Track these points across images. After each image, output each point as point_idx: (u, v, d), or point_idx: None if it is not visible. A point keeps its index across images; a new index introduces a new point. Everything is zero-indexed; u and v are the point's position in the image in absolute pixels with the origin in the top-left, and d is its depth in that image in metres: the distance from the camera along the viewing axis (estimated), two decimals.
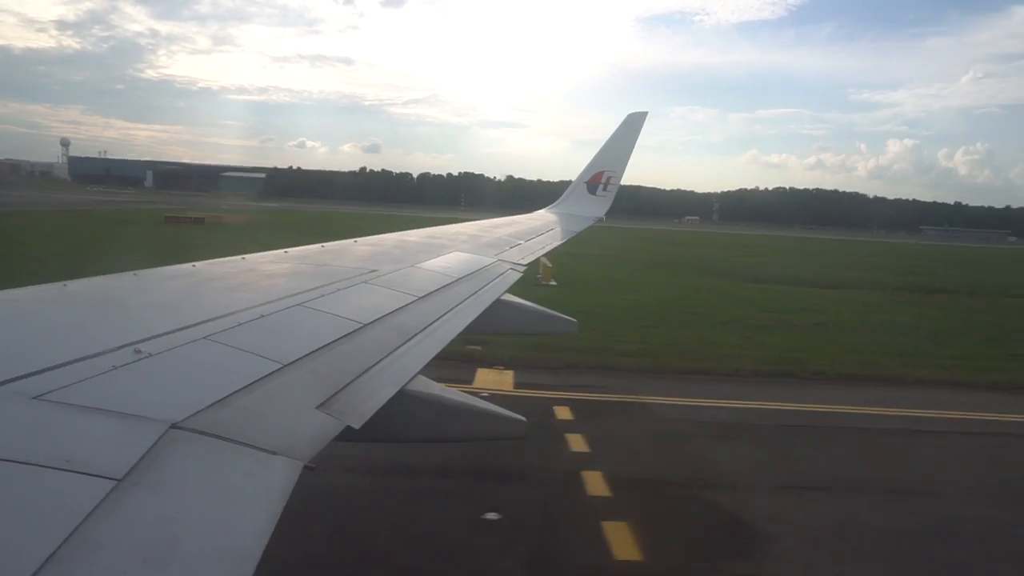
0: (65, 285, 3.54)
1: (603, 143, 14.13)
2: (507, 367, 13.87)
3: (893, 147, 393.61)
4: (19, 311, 3.12)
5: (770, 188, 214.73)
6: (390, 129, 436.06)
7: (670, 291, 28.32)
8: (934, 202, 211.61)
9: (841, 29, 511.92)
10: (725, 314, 22.56)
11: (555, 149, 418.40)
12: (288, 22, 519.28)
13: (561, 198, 14.51)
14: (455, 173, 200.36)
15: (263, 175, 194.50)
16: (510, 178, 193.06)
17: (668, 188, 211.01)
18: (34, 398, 2.06)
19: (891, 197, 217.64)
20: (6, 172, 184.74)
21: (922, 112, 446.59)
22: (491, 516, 7.55)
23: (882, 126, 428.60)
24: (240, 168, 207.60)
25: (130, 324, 2.99)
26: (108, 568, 1.45)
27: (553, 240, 10.12)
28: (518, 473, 8.94)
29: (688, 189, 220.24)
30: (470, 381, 12.85)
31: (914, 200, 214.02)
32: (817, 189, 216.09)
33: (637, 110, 14.09)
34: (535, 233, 10.23)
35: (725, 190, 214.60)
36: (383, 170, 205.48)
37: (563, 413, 11.20)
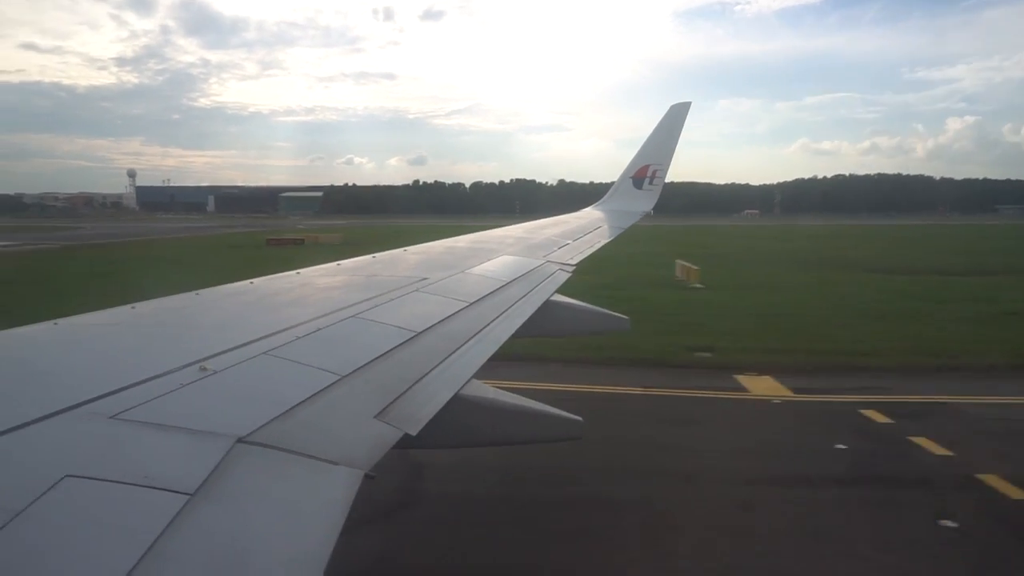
0: (133, 307, 3.73)
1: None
2: (759, 373, 13.98)
3: (953, 125, 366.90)
4: (92, 334, 3.29)
5: (829, 176, 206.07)
6: (435, 140, 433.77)
7: (819, 287, 27.78)
8: (1007, 179, 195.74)
9: (887, 8, 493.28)
10: (905, 308, 22.06)
11: (599, 150, 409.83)
12: (331, 42, 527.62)
13: (607, 194, 14.30)
14: (507, 180, 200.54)
15: (320, 193, 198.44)
16: (562, 182, 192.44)
17: (721, 182, 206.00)
18: (111, 417, 2.16)
19: (958, 177, 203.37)
20: (80, 204, 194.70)
21: (982, 87, 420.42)
22: (948, 523, 7.52)
23: (939, 104, 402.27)
24: (297, 188, 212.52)
25: (195, 342, 3.09)
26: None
27: (601, 238, 9.97)
28: (907, 477, 8.94)
29: (742, 182, 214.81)
30: (740, 389, 12.98)
31: (984, 179, 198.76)
32: (879, 174, 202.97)
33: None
34: (582, 232, 10.13)
35: (781, 180, 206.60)
36: (436, 182, 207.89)
37: (876, 416, 11.12)
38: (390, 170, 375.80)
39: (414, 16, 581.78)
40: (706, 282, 28.35)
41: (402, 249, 7.20)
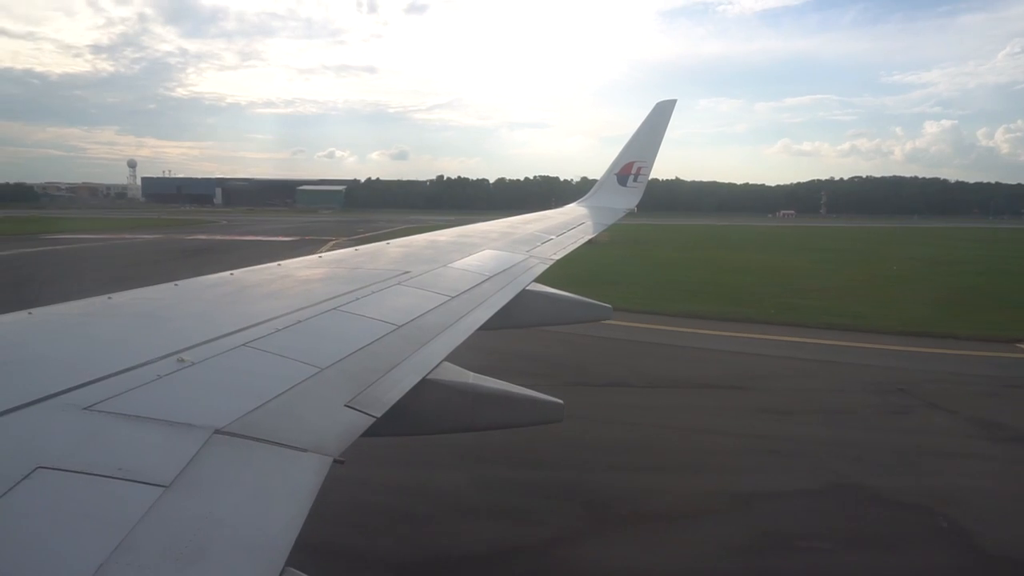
0: (110, 298, 3.64)
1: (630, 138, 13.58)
2: None
3: (930, 128, 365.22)
4: (67, 324, 3.21)
5: (846, 178, 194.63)
6: (416, 135, 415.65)
7: None
8: (1018, 184, 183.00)
9: (866, 12, 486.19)
10: None
11: (582, 147, 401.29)
12: (312, 34, 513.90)
13: (591, 191, 14.03)
14: (531, 177, 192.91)
15: (342, 188, 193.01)
16: (585, 179, 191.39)
17: (740, 183, 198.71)
18: (85, 409, 2.13)
19: (971, 181, 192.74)
20: (85, 195, 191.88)
21: (957, 91, 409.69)
22: None
23: (915, 107, 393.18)
24: (317, 181, 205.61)
25: (173, 334, 3.06)
26: (143, 568, 1.48)
27: (585, 234, 9.87)
28: None
29: (758, 183, 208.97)
30: None
31: (996, 183, 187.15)
32: (895, 176, 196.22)
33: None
34: (566, 228, 9.99)
35: (796, 182, 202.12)
36: (459, 178, 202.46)
37: None
38: (372, 164, 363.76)
39: (398, 9, 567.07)
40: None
41: (385, 242, 7.11)
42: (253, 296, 4.14)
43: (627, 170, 13.31)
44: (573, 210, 12.97)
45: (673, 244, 51.48)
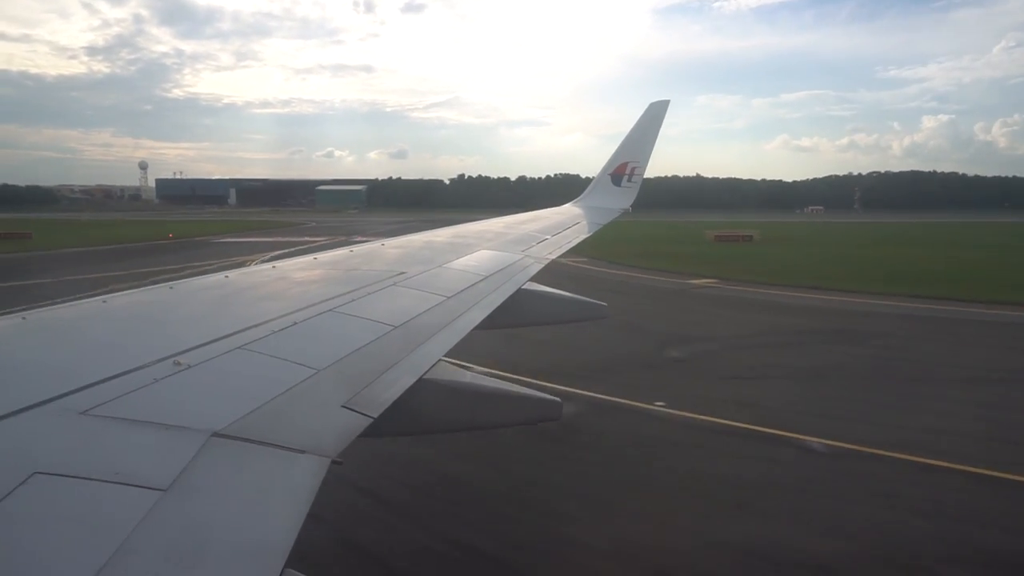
0: (104, 300, 3.59)
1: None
2: None
3: (927, 123, 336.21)
4: (62, 328, 3.23)
5: (864, 173, 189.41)
6: (414, 134, 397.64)
7: None
8: None
9: (862, 8, 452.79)
10: None
11: (580, 145, 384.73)
12: (309, 34, 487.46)
13: (586, 191, 14.11)
14: (552, 175, 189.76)
15: (362, 187, 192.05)
16: None
17: (759, 179, 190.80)
18: (81, 413, 2.14)
19: (988, 175, 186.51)
20: (101, 197, 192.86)
21: (952, 86, 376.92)
22: None
23: (912, 102, 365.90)
24: (337, 181, 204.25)
25: (169, 337, 3.06)
26: (142, 573, 1.49)
27: (580, 234, 9.91)
28: None
29: (776, 179, 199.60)
30: None
31: (1014, 177, 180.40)
32: (913, 172, 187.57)
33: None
34: (561, 227, 10.04)
35: (815, 176, 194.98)
36: (480, 176, 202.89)
37: None
38: (370, 163, 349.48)
39: (395, 8, 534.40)
40: None
41: (380, 243, 7.12)
42: (249, 298, 4.14)
43: (621, 170, 13.39)
44: (568, 210, 13.04)
45: (832, 243, 50.41)
